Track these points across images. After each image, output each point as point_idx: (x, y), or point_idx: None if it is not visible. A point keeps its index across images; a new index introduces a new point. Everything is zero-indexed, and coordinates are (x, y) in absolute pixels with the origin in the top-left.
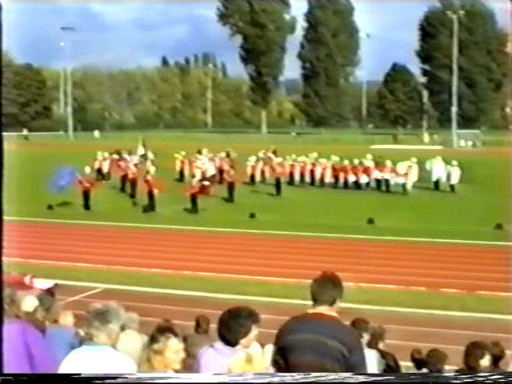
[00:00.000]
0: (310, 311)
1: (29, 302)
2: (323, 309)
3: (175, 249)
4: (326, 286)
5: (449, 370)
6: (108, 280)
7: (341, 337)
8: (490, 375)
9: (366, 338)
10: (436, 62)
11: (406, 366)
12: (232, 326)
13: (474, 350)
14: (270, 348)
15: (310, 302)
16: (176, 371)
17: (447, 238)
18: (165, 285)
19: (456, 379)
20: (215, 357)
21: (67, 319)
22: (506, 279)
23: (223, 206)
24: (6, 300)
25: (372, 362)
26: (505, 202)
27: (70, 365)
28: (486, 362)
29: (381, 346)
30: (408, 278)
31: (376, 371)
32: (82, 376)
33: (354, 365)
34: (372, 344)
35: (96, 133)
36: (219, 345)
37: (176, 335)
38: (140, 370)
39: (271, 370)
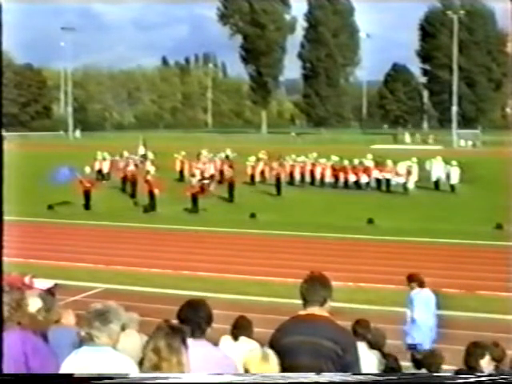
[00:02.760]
0: (302, 313)
1: (33, 303)
2: (315, 309)
3: (175, 249)
4: (316, 287)
5: (448, 370)
6: (108, 280)
7: (334, 337)
8: (490, 375)
9: (368, 338)
10: (436, 61)
11: (406, 366)
12: (194, 317)
13: (474, 350)
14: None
15: None
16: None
17: (447, 238)
18: (165, 285)
19: (455, 379)
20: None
21: (69, 318)
22: (506, 279)
23: (223, 206)
24: (11, 304)
25: (373, 362)
26: (505, 201)
27: (71, 366)
28: (486, 362)
29: (383, 348)
30: None
31: (377, 371)
32: (82, 376)
33: (349, 364)
34: (374, 345)
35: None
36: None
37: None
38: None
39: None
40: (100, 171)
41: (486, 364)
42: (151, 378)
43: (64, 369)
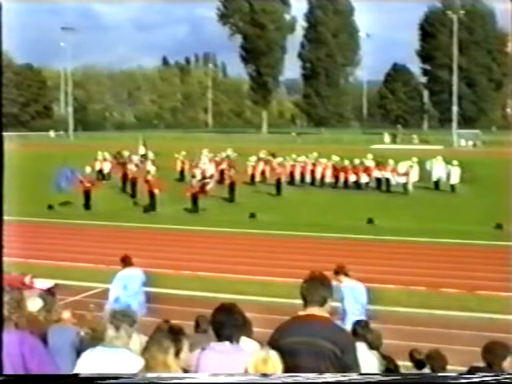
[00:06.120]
0: (302, 313)
1: (33, 303)
2: (314, 310)
3: (175, 249)
4: (316, 287)
5: (449, 370)
6: (108, 280)
7: (333, 337)
8: (490, 376)
9: (368, 338)
10: (436, 61)
11: (406, 366)
12: (230, 322)
13: (497, 349)
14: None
15: None
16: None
17: (447, 238)
18: (165, 285)
19: (456, 379)
20: (215, 357)
21: (69, 318)
22: (506, 279)
23: (223, 205)
24: (11, 304)
25: (374, 362)
26: (505, 201)
27: (88, 365)
28: (508, 362)
29: (380, 348)
30: (408, 278)
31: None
32: (82, 376)
33: (347, 365)
34: (373, 345)
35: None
36: (217, 345)
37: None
38: (154, 371)
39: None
40: (100, 171)
41: (508, 364)
42: (166, 379)
43: (81, 367)
